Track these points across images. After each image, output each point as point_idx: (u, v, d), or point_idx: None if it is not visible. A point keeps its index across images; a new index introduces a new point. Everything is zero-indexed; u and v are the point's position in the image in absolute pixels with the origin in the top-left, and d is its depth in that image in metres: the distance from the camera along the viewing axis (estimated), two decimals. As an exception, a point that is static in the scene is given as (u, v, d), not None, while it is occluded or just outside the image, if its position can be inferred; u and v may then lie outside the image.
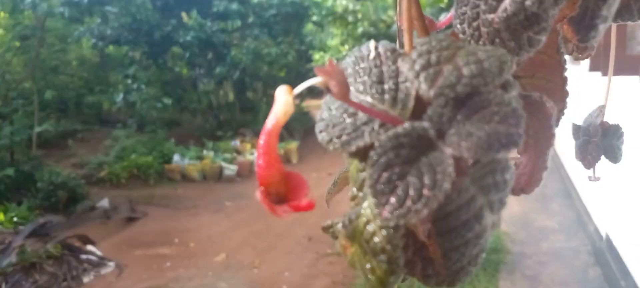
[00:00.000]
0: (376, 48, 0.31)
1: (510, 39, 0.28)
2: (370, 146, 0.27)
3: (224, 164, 7.54)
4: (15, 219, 5.15)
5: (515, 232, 4.51)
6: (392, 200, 0.25)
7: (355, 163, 0.31)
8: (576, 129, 0.71)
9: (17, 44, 7.29)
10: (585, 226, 4.36)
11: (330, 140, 0.30)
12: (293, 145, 8.47)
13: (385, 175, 0.25)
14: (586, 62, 4.30)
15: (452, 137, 0.25)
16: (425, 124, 0.26)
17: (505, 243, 4.24)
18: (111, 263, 4.57)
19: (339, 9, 6.62)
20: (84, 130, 9.31)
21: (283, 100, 0.28)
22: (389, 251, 0.27)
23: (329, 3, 6.48)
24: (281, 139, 8.95)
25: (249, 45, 8.90)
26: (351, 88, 0.31)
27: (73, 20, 7.23)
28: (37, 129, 6.65)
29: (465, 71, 0.25)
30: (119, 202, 6.20)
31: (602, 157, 0.69)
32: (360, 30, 6.73)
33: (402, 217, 0.24)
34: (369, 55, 0.31)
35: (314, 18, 10.30)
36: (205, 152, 8.05)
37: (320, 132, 0.31)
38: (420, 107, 0.27)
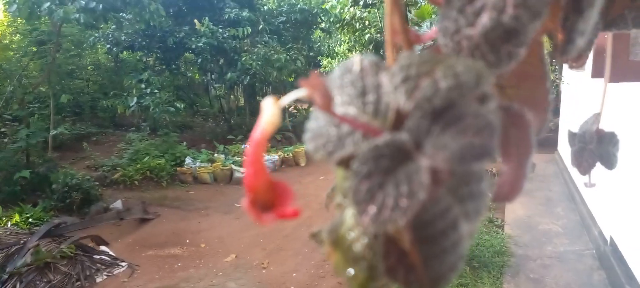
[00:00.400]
0: (361, 61, 0.32)
1: (489, 52, 0.29)
2: (353, 156, 0.28)
3: (234, 167, 7.60)
4: (30, 220, 5.24)
5: (519, 235, 4.48)
6: (372, 208, 0.26)
7: (340, 172, 0.32)
8: (572, 136, 0.71)
9: (34, 49, 7.43)
10: (589, 229, 4.31)
11: (316, 150, 0.31)
12: (301, 148, 8.50)
13: (365, 184, 0.26)
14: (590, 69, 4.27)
15: (429, 149, 0.26)
16: (404, 135, 0.27)
17: (509, 246, 4.22)
18: (124, 264, 4.63)
19: (347, 16, 6.64)
20: (98, 133, 9.45)
21: (270, 111, 0.29)
22: (370, 258, 0.28)
23: (337, 10, 6.51)
24: (289, 143, 8.98)
25: (259, 52, 8.98)
26: (338, 99, 0.32)
27: (88, 26, 7.33)
28: (53, 132, 6.76)
29: (442, 84, 0.26)
30: (132, 204, 6.28)
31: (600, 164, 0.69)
32: (367, 36, 6.75)
33: (381, 225, 0.25)
34: (354, 68, 0.32)
35: (322, 25, 10.36)
36: (216, 155, 8.12)
37: (307, 141, 0.32)
38: (400, 119, 0.28)
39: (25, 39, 7.47)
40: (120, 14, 7.87)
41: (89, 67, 10.00)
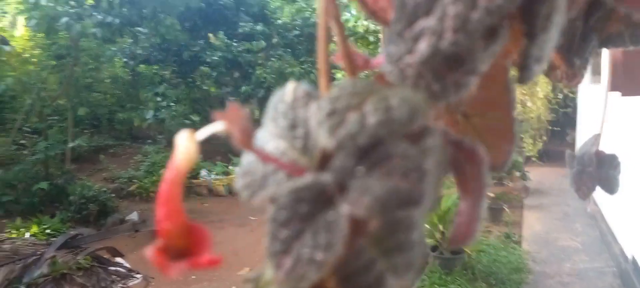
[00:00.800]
0: (294, 90, 0.29)
1: (434, 81, 0.26)
2: (274, 199, 0.25)
3: (249, 180, 7.60)
4: (48, 231, 5.31)
5: (536, 251, 4.36)
6: (287, 262, 0.23)
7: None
8: (571, 158, 0.67)
9: (53, 62, 7.59)
10: (609, 246, 4.17)
11: (242, 189, 0.28)
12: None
13: (282, 233, 0.23)
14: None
15: (352, 193, 0.23)
16: (327, 176, 0.24)
17: (527, 263, 4.10)
18: (139, 276, 4.64)
19: (361, 30, 6.62)
20: (115, 145, 9.58)
21: (184, 147, 0.26)
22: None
23: (351, 24, 6.51)
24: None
25: (273, 65, 9.03)
26: (271, 130, 0.29)
27: (105, 40, 7.48)
28: (71, 144, 6.87)
29: (371, 120, 0.23)
30: (147, 216, 6.32)
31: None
32: (380, 49, 6.72)
33: (295, 282, 0.22)
34: (286, 97, 0.29)
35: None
36: (231, 167, 8.14)
37: (237, 178, 0.29)
38: (326, 157, 0.25)
39: (44, 52, 7.64)
40: (137, 28, 8.01)
41: (106, 80, 10.17)
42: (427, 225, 4.94)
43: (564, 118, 7.69)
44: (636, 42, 0.45)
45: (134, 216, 6.23)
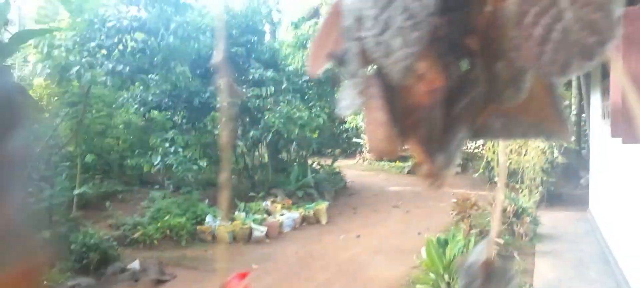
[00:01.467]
0: None
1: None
2: None
3: (253, 226, 7.51)
4: (44, 282, 5.24)
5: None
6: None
7: None
8: (461, 267, 0.58)
9: (66, 110, 7.75)
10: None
11: None
12: (322, 205, 8.35)
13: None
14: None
15: None
16: None
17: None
18: (135, 327, 4.51)
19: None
20: (124, 191, 9.62)
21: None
22: None
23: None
24: (311, 199, 8.86)
25: (281, 109, 9.09)
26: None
27: (116, 88, 7.64)
28: (76, 192, 6.90)
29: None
30: (149, 264, 6.22)
31: None
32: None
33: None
34: None
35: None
36: (236, 213, 8.06)
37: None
38: None
39: (57, 101, 7.82)
40: (148, 76, 8.18)
41: (120, 126, 10.35)
42: (431, 274, 4.75)
43: (577, 159, 7.47)
44: (508, 135, 0.42)
45: (135, 265, 6.14)
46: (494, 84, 0.34)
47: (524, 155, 5.76)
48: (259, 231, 7.43)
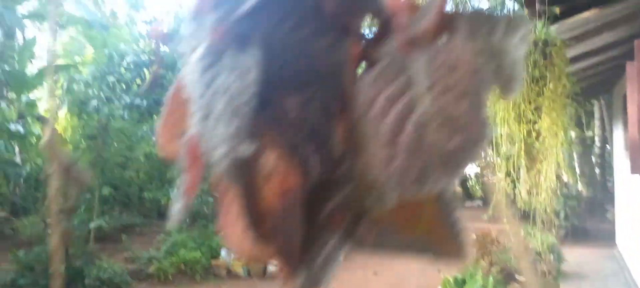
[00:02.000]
0: None
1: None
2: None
3: (268, 260, 7.38)
4: (56, 316, 5.22)
5: None
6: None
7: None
8: None
9: (85, 142, 7.88)
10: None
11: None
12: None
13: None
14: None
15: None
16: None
17: None
18: None
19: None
20: (142, 224, 9.65)
21: None
22: None
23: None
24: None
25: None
26: None
27: (135, 121, 7.75)
28: (92, 225, 6.94)
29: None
30: (161, 300, 6.16)
31: None
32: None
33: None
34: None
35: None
36: (252, 246, 7.96)
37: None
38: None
39: (76, 134, 7.97)
40: (166, 109, 8.29)
41: (141, 158, 10.45)
42: (449, 316, 4.54)
43: (602, 192, 7.17)
44: (380, 245, 0.37)
45: (148, 300, 6.09)
46: (358, 185, 0.27)
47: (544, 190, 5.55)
48: (274, 265, 7.30)
